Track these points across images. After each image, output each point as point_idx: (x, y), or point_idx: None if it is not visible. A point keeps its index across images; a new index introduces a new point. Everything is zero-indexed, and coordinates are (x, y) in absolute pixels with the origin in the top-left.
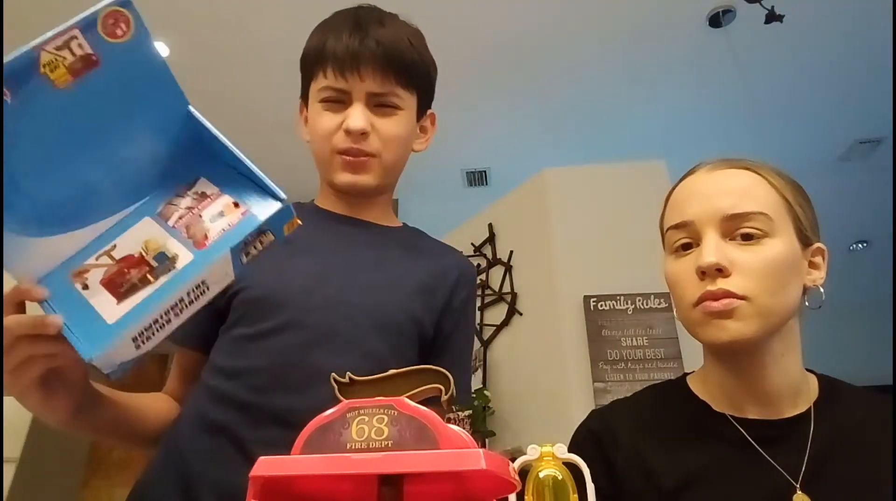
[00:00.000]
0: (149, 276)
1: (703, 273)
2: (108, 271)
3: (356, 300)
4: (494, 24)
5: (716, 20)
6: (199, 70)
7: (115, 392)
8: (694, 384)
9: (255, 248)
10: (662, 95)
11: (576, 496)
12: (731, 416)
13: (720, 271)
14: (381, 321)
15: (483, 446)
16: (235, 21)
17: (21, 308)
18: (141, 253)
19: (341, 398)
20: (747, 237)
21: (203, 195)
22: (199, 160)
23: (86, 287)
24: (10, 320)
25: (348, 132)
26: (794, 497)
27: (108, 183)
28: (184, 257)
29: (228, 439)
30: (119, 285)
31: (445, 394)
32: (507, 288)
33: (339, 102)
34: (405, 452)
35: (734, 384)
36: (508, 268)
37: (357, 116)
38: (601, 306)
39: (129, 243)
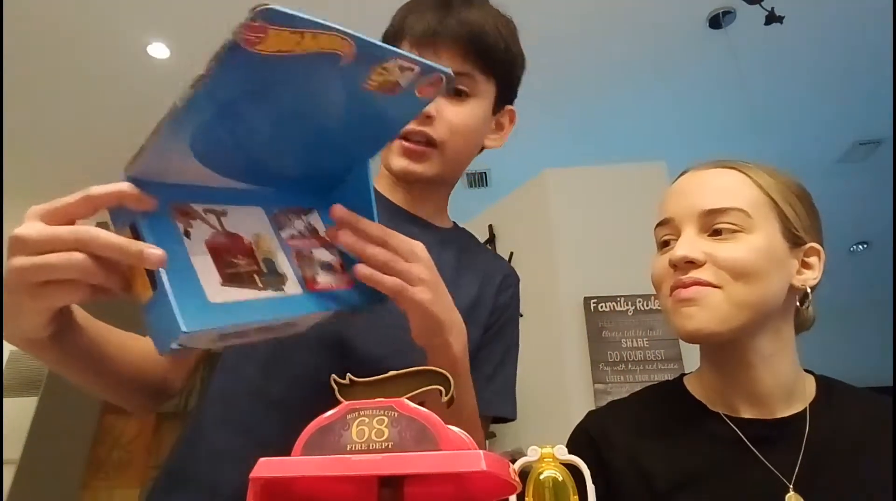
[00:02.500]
0: (257, 278)
1: (675, 266)
2: (215, 236)
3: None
4: None
5: (716, 21)
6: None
7: (92, 319)
8: (690, 385)
9: (342, 315)
10: (662, 97)
11: (576, 497)
12: (725, 416)
13: (691, 264)
14: None
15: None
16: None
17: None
18: (251, 245)
19: (341, 399)
20: (723, 232)
21: (314, 232)
22: (325, 192)
23: (187, 234)
24: (87, 230)
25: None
26: (787, 496)
27: (262, 150)
28: (292, 285)
29: (255, 439)
30: (225, 264)
31: (445, 395)
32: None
33: None
34: (405, 453)
35: (725, 383)
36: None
37: None
38: (601, 307)
39: (239, 222)
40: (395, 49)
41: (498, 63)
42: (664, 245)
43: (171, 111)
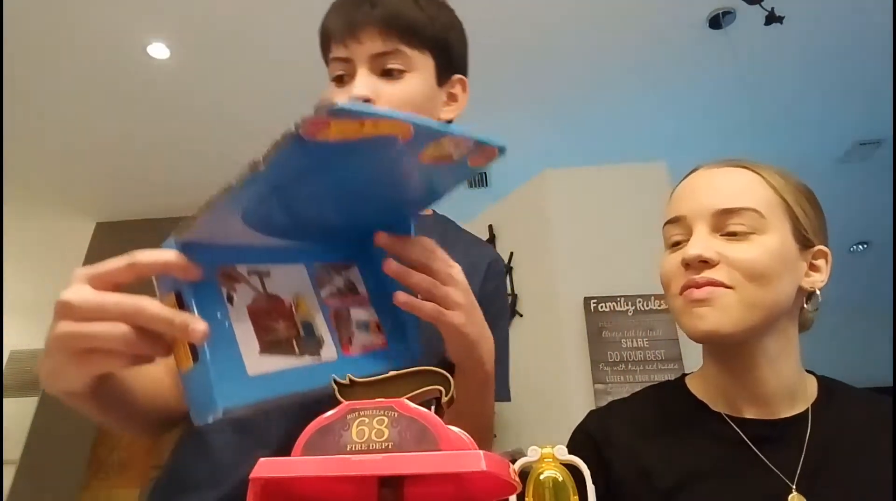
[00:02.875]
0: (294, 343)
1: (688, 265)
2: (257, 300)
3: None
4: (495, 26)
5: (716, 22)
6: (199, 72)
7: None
8: (692, 385)
9: None
10: (663, 97)
11: (576, 497)
12: (727, 416)
13: (705, 264)
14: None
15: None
16: (235, 24)
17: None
18: (291, 306)
19: (341, 399)
20: (737, 233)
21: (352, 288)
22: (366, 247)
23: (230, 299)
24: (133, 303)
25: (351, 101)
26: (790, 497)
27: (310, 214)
28: (328, 350)
29: (255, 437)
30: (265, 330)
31: (446, 396)
32: (507, 290)
33: (347, 76)
34: (405, 453)
35: (729, 383)
36: (509, 270)
37: (358, 84)
38: (601, 307)
39: (281, 283)
40: (450, 128)
41: (425, 35)
42: (674, 244)
43: (227, 189)
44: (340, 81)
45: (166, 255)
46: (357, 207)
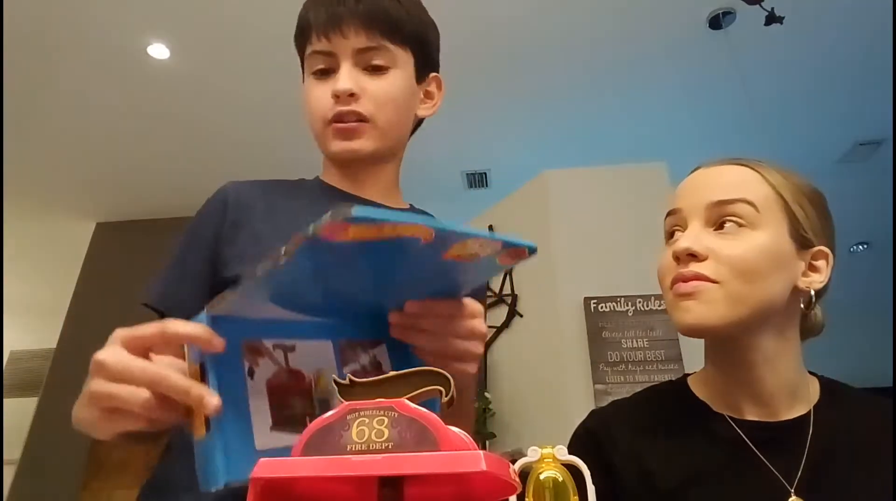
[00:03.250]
0: (308, 420)
1: (678, 259)
2: (278, 375)
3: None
4: (495, 26)
5: (716, 22)
6: (200, 73)
7: None
8: (694, 385)
9: None
10: (662, 97)
11: (576, 498)
12: (729, 417)
13: (694, 257)
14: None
15: (483, 448)
16: (236, 25)
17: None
18: (311, 383)
19: (341, 399)
20: (729, 226)
21: (378, 366)
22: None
23: (251, 373)
24: (157, 372)
25: (336, 97)
26: (789, 500)
27: (338, 298)
28: None
29: None
30: (281, 405)
31: (446, 396)
32: (507, 290)
33: (328, 69)
34: (405, 454)
35: (728, 383)
36: (508, 270)
37: (342, 78)
38: (601, 307)
39: (305, 358)
40: (476, 231)
41: (407, 32)
42: (671, 237)
43: (253, 278)
44: (322, 74)
45: (194, 328)
46: (383, 291)
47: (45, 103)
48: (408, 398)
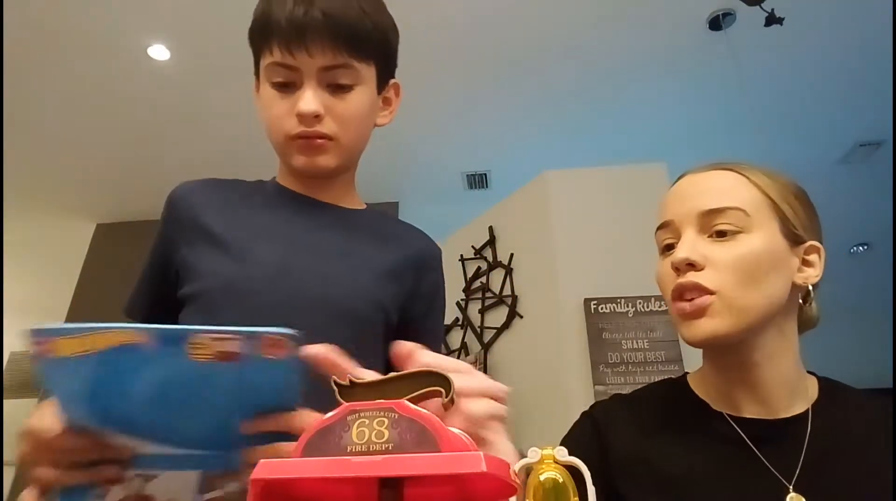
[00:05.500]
0: None
1: (677, 269)
2: (126, 499)
3: (319, 291)
4: (495, 28)
5: (716, 23)
6: (200, 74)
7: None
8: (694, 383)
9: None
10: (663, 98)
11: (576, 498)
12: (728, 415)
13: (692, 266)
14: (342, 311)
15: None
16: (236, 26)
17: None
18: None
19: (341, 400)
20: (722, 233)
21: (244, 493)
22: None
23: (102, 497)
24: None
25: (300, 116)
26: (788, 498)
27: (197, 427)
28: None
29: None
30: None
31: (446, 397)
32: (507, 291)
33: (289, 83)
34: (405, 455)
35: (728, 381)
36: (509, 271)
37: (308, 99)
38: (602, 308)
39: (163, 487)
40: (195, 328)
41: (372, 47)
42: (666, 249)
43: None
44: (283, 87)
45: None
46: (209, 419)
47: (45, 104)
48: (408, 399)
